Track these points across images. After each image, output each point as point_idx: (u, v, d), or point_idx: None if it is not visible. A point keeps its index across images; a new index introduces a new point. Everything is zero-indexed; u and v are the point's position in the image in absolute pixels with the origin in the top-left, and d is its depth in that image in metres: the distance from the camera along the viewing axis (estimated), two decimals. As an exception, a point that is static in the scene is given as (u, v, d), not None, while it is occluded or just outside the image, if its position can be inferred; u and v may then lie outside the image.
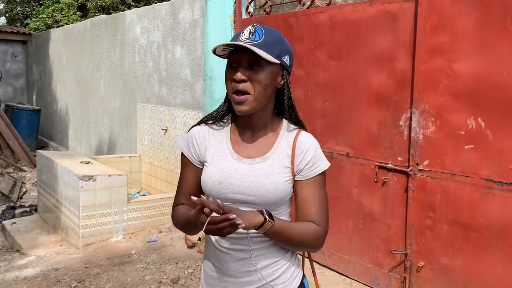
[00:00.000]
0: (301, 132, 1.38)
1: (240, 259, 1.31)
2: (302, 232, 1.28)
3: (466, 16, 2.78)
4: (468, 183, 2.81)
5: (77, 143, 8.82)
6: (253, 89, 1.25)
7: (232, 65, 1.28)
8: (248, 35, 1.25)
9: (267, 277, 1.31)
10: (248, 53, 1.24)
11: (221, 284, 1.34)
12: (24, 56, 12.22)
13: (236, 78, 1.24)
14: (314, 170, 1.33)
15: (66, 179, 4.70)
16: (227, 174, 1.31)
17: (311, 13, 3.78)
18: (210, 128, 1.40)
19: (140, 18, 6.30)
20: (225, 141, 1.37)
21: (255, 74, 1.25)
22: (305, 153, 1.33)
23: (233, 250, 1.31)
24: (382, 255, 3.35)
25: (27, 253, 4.38)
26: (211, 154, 1.36)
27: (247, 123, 1.36)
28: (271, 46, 1.26)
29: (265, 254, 1.32)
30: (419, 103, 3.03)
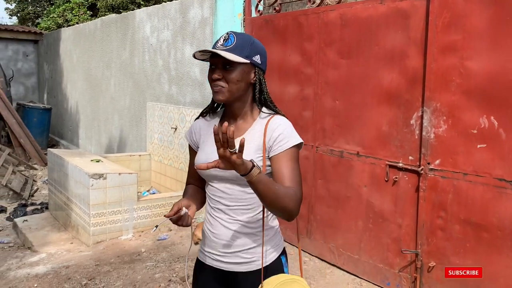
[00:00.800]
0: (274, 116, 1.59)
1: (228, 227, 1.58)
2: (282, 189, 1.43)
3: (479, 13, 2.74)
4: (481, 182, 2.78)
5: (88, 141, 8.88)
6: (226, 84, 1.51)
7: (212, 67, 1.54)
8: (223, 42, 1.52)
9: (247, 245, 1.57)
10: (221, 57, 1.49)
11: (211, 244, 1.62)
12: (36, 55, 12.33)
13: (213, 77, 1.53)
14: (283, 146, 1.51)
15: (77, 177, 4.74)
16: (209, 156, 1.57)
17: (321, 11, 3.76)
18: (205, 120, 1.72)
19: (150, 17, 6.32)
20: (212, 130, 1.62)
21: (228, 73, 1.51)
22: (273, 131, 1.53)
23: (222, 219, 1.59)
24: (393, 255, 3.32)
25: (38, 250, 4.42)
26: (202, 141, 1.67)
27: (230, 113, 1.62)
28: (241, 49, 1.51)
29: (247, 225, 1.57)
30: (430, 101, 3.00)
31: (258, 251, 1.57)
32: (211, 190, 1.62)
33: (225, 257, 1.59)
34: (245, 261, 1.58)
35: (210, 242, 1.63)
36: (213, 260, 1.62)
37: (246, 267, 1.58)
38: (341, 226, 3.69)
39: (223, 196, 1.58)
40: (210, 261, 1.64)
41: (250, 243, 1.57)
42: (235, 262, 1.58)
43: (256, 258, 1.58)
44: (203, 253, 1.68)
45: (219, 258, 1.61)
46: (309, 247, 3.93)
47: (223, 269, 1.61)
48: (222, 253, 1.59)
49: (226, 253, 1.59)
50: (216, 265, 1.62)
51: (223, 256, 1.59)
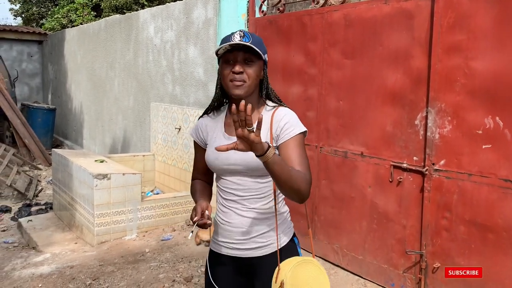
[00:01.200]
0: (279, 107, 1.66)
1: (242, 215, 1.63)
2: (295, 170, 1.48)
3: (484, 13, 2.73)
4: (486, 183, 2.77)
5: (92, 141, 8.91)
6: (247, 78, 1.57)
7: (229, 62, 1.58)
8: (240, 38, 1.55)
9: (262, 230, 1.63)
10: (244, 51, 1.56)
11: (225, 233, 1.67)
12: (40, 55, 12.38)
13: (236, 70, 1.55)
14: (289, 133, 1.57)
15: (81, 177, 4.75)
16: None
17: (325, 11, 3.76)
18: (209, 117, 1.77)
19: (154, 18, 6.33)
20: (220, 125, 1.71)
21: (248, 67, 1.57)
22: (279, 121, 1.60)
23: (235, 209, 1.64)
24: (397, 256, 3.31)
25: (43, 250, 4.44)
26: (210, 137, 1.72)
27: None
28: (259, 46, 1.57)
29: (261, 212, 1.63)
30: (435, 102, 2.99)
31: (272, 234, 1.64)
32: (223, 183, 1.68)
33: (241, 244, 1.64)
34: (261, 245, 1.63)
35: (224, 232, 1.68)
36: (229, 248, 1.67)
37: (262, 251, 1.64)
38: (345, 227, 3.68)
39: (236, 188, 1.64)
40: (225, 250, 1.69)
41: (264, 228, 1.63)
42: (252, 247, 1.64)
43: (271, 241, 1.64)
44: (217, 244, 1.72)
45: (235, 246, 1.65)
46: (313, 248, 3.92)
47: (239, 256, 1.66)
48: (238, 241, 1.64)
49: (242, 240, 1.64)
50: (232, 253, 1.67)
51: (239, 244, 1.65)
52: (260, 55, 1.57)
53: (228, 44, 1.53)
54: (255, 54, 1.57)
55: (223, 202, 1.69)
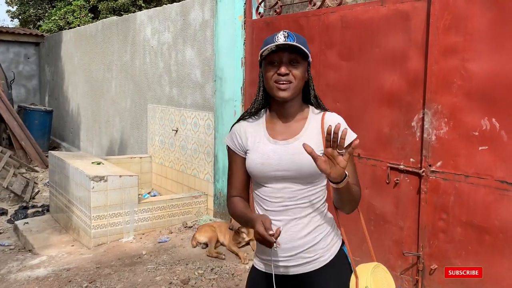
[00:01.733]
0: (327, 112, 1.62)
1: (285, 229, 1.52)
2: (356, 190, 1.53)
3: (480, 15, 2.73)
4: (482, 184, 2.77)
5: (89, 143, 8.89)
6: (294, 80, 1.51)
7: (274, 63, 1.52)
8: (284, 38, 1.49)
9: (308, 243, 1.54)
10: (289, 52, 1.50)
11: (269, 250, 1.53)
12: (37, 57, 12.35)
13: (282, 72, 1.49)
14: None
15: (78, 179, 4.74)
16: (266, 156, 1.55)
17: (322, 13, 3.76)
18: (247, 122, 1.66)
19: (151, 20, 6.33)
20: (262, 130, 1.61)
21: (294, 69, 1.51)
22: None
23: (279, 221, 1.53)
24: (394, 257, 3.31)
25: (39, 253, 4.42)
26: (251, 143, 1.60)
27: (282, 112, 1.60)
28: (304, 46, 1.51)
29: (307, 223, 1.54)
30: (431, 103, 2.99)
31: (319, 247, 1.56)
32: (266, 192, 1.57)
33: (286, 261, 1.55)
34: (308, 260, 1.55)
35: (267, 249, 1.52)
36: (274, 267, 1.55)
37: (310, 266, 1.55)
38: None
39: (282, 196, 1.54)
40: (270, 268, 1.56)
41: (311, 241, 1.54)
42: (298, 264, 1.55)
43: (318, 255, 1.56)
44: (260, 261, 1.63)
45: (280, 263, 1.55)
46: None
47: (286, 274, 1.56)
48: (283, 258, 1.55)
49: (287, 257, 1.54)
50: (278, 272, 1.55)
51: (284, 261, 1.55)
52: (306, 55, 1.52)
53: (274, 44, 1.48)
54: (301, 54, 1.51)
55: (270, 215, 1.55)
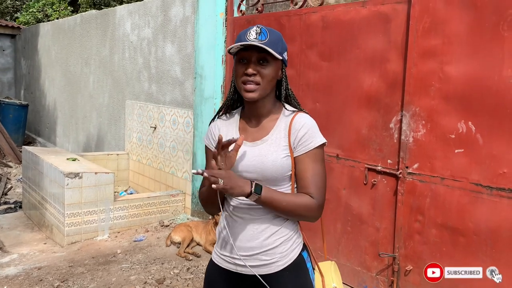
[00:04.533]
0: (298, 113, 1.56)
1: (247, 227, 1.53)
2: (292, 203, 1.46)
3: (459, 19, 2.76)
4: (458, 187, 2.79)
5: (65, 139, 8.70)
6: (261, 81, 1.47)
7: (243, 61, 1.48)
8: (256, 35, 1.45)
9: (267, 246, 1.51)
10: (258, 51, 1.45)
11: (228, 246, 1.57)
12: (13, 50, 12.04)
13: (248, 73, 1.45)
14: (308, 146, 1.51)
15: (52, 176, 4.62)
16: None
17: (303, 12, 3.75)
18: (222, 120, 1.65)
19: (131, 14, 6.22)
20: (234, 130, 1.60)
21: (263, 68, 1.47)
22: (298, 131, 1.51)
23: (242, 218, 1.54)
24: (370, 258, 3.32)
25: (10, 251, 4.29)
26: None
27: (253, 111, 1.57)
28: (275, 45, 1.46)
29: (269, 225, 1.52)
30: (410, 105, 3.01)
31: (278, 251, 1.52)
32: None
33: (243, 260, 1.53)
34: (265, 263, 1.52)
35: (227, 245, 1.57)
36: (230, 264, 1.57)
37: (266, 269, 1.52)
38: (319, 229, 3.66)
39: None
40: (227, 265, 1.58)
41: (270, 244, 1.52)
42: (255, 265, 1.52)
43: (276, 259, 1.52)
44: (218, 256, 1.62)
45: (237, 261, 1.55)
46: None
47: (241, 273, 1.55)
48: (241, 256, 1.53)
49: (245, 256, 1.53)
50: (234, 269, 1.56)
51: (241, 260, 1.53)
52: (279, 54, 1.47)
53: (239, 44, 1.43)
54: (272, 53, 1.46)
55: (230, 211, 1.57)
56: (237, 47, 1.45)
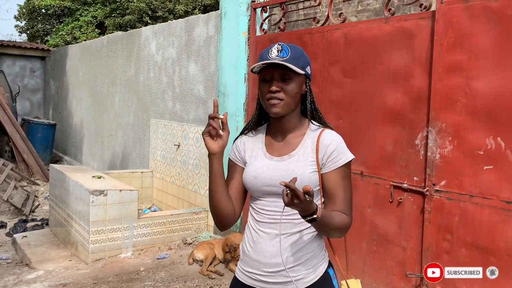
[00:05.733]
0: (325, 130, 1.57)
1: (273, 243, 1.51)
2: (338, 222, 1.46)
3: (485, 33, 2.71)
4: (487, 205, 2.71)
5: (91, 157, 8.87)
6: (285, 97, 1.49)
7: (266, 80, 1.51)
8: (277, 53, 1.48)
9: (293, 262, 1.50)
10: (280, 68, 1.48)
11: (253, 263, 1.55)
12: (42, 71, 12.45)
13: (272, 90, 1.48)
14: (337, 162, 1.52)
15: (77, 193, 4.69)
16: (260, 170, 1.55)
17: (326, 30, 3.76)
18: (248, 136, 1.67)
19: (156, 35, 6.37)
20: (260, 145, 1.62)
21: (286, 85, 1.49)
22: (327, 147, 1.52)
23: (267, 234, 1.52)
24: (397, 278, 3.23)
25: (36, 267, 4.36)
26: (249, 156, 1.62)
27: (279, 127, 1.59)
28: (297, 60, 1.49)
29: (296, 241, 1.51)
30: (435, 121, 2.95)
31: (304, 268, 1.51)
32: (259, 205, 1.57)
33: (269, 277, 1.52)
34: (291, 280, 1.50)
35: (251, 261, 1.56)
36: (255, 280, 1.55)
37: (292, 286, 1.51)
38: (344, 248, 3.60)
39: (273, 210, 1.52)
40: (251, 281, 1.57)
41: (295, 260, 1.51)
42: (280, 281, 1.51)
43: (302, 276, 1.51)
44: (242, 273, 1.60)
45: (262, 278, 1.53)
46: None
47: None
48: (266, 273, 1.52)
49: (270, 272, 1.52)
50: (258, 286, 1.55)
51: (266, 276, 1.52)
52: (303, 70, 1.50)
53: (261, 63, 1.47)
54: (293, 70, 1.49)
55: (255, 226, 1.57)
56: (259, 66, 1.49)
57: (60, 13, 14.90)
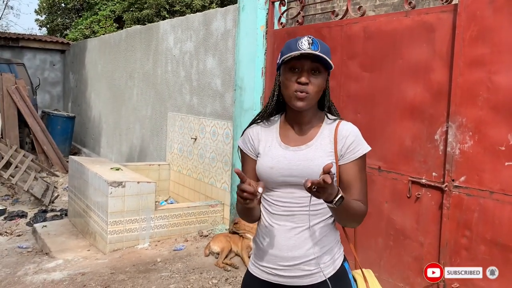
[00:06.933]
0: (342, 121, 1.57)
1: (289, 236, 1.49)
2: (357, 208, 1.46)
3: (508, 26, 2.66)
4: (508, 201, 2.66)
5: (109, 150, 8.98)
6: (311, 90, 1.47)
7: (295, 70, 1.47)
8: (308, 45, 1.44)
9: (310, 255, 1.48)
10: (312, 61, 1.45)
11: (268, 257, 1.52)
12: (62, 64, 12.63)
13: (302, 81, 1.45)
14: (355, 154, 1.51)
15: (96, 184, 4.77)
16: (276, 160, 1.52)
17: (344, 23, 3.73)
18: (261, 126, 1.63)
19: (174, 29, 6.40)
20: (275, 135, 1.59)
21: (315, 78, 1.47)
22: (346, 139, 1.51)
23: (283, 227, 1.50)
24: (414, 274, 3.21)
25: (56, 256, 4.45)
26: (263, 147, 1.58)
27: (296, 119, 1.56)
28: (328, 55, 1.46)
29: (312, 234, 1.49)
30: (456, 116, 2.91)
31: (321, 261, 1.49)
32: (274, 196, 1.52)
33: (285, 271, 1.49)
34: (307, 273, 1.49)
35: (266, 255, 1.52)
36: (270, 274, 1.52)
37: (308, 280, 1.49)
38: (360, 243, 3.58)
39: (289, 201, 1.49)
40: (266, 276, 1.54)
41: (313, 253, 1.48)
42: (297, 275, 1.49)
43: (319, 269, 1.48)
44: (257, 267, 1.57)
45: (277, 272, 1.51)
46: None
47: (282, 283, 1.51)
48: (282, 267, 1.50)
49: (286, 266, 1.49)
50: (274, 280, 1.52)
51: (283, 270, 1.50)
52: (329, 65, 1.48)
53: (299, 52, 1.42)
54: (324, 64, 1.47)
55: (269, 219, 1.53)
56: (295, 54, 1.43)
57: (79, 7, 15.08)
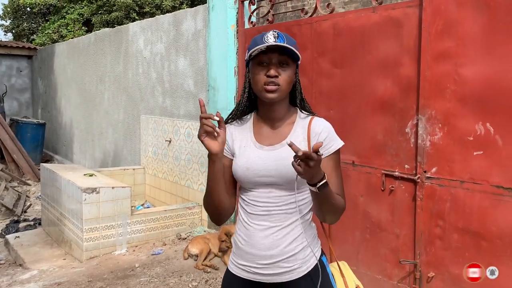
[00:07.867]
0: (314, 117, 1.58)
1: (266, 235, 1.50)
2: (338, 200, 1.48)
3: (472, 20, 2.73)
4: (478, 190, 2.74)
5: (82, 156, 8.81)
6: (281, 82, 1.47)
7: (263, 64, 1.47)
8: (274, 39, 1.45)
9: (288, 253, 1.49)
10: (279, 54, 1.46)
11: (247, 256, 1.53)
12: (29, 70, 12.29)
13: (271, 74, 1.45)
14: (329, 149, 1.53)
15: (70, 192, 4.67)
16: (252, 161, 1.52)
17: (314, 21, 3.76)
18: (234, 126, 1.62)
19: (143, 30, 6.32)
20: (249, 134, 1.59)
21: (283, 71, 1.48)
22: (319, 135, 1.52)
23: (260, 226, 1.51)
24: (391, 266, 3.26)
25: (30, 267, 4.33)
26: (237, 147, 1.58)
27: (269, 114, 1.56)
28: (294, 47, 1.48)
29: (290, 231, 1.51)
30: (425, 109, 2.97)
31: (299, 257, 1.51)
32: (251, 196, 1.54)
33: (264, 269, 1.51)
34: (286, 270, 1.50)
35: (245, 254, 1.54)
36: (249, 273, 1.54)
37: (287, 276, 1.51)
38: (337, 237, 3.62)
39: (266, 201, 1.51)
40: (246, 274, 1.55)
41: (291, 250, 1.50)
42: (276, 273, 1.51)
43: (297, 265, 1.51)
44: (236, 266, 1.58)
45: (257, 270, 1.52)
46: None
47: (262, 281, 1.53)
48: (261, 265, 1.51)
49: (265, 264, 1.51)
50: (253, 278, 1.53)
51: (262, 268, 1.51)
52: (296, 57, 1.49)
53: (265, 45, 1.43)
54: (291, 56, 1.48)
55: (246, 219, 1.54)
56: (259, 49, 1.44)
57: (46, 11, 14.72)
